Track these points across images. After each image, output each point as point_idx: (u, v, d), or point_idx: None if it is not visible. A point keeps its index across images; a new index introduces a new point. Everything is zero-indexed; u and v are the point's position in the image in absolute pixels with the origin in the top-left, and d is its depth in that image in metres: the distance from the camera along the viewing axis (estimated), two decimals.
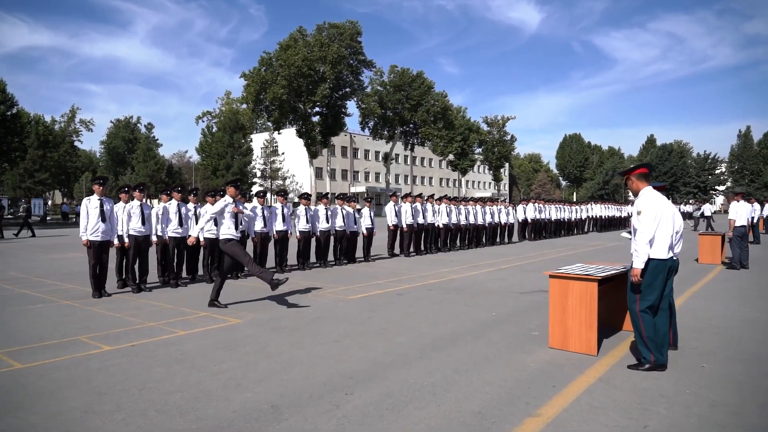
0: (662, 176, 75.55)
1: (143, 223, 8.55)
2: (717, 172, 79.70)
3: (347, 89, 52.20)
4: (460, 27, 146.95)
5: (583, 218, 25.90)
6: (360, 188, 66.27)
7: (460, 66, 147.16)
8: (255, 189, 53.27)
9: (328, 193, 12.24)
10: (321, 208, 11.78)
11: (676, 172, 75.74)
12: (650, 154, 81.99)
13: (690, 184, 75.01)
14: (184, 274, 9.89)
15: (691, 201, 53.14)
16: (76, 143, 65.59)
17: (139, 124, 76.37)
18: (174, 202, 9.17)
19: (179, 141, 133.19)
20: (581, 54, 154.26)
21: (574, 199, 67.12)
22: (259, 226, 10.46)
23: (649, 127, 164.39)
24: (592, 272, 5.10)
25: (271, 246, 10.97)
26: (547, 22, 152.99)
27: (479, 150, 67.52)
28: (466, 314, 6.74)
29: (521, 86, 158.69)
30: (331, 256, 12.37)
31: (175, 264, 9.21)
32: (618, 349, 5.12)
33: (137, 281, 8.58)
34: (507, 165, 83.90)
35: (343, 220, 12.15)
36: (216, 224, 7.84)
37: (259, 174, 62.57)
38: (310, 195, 11.87)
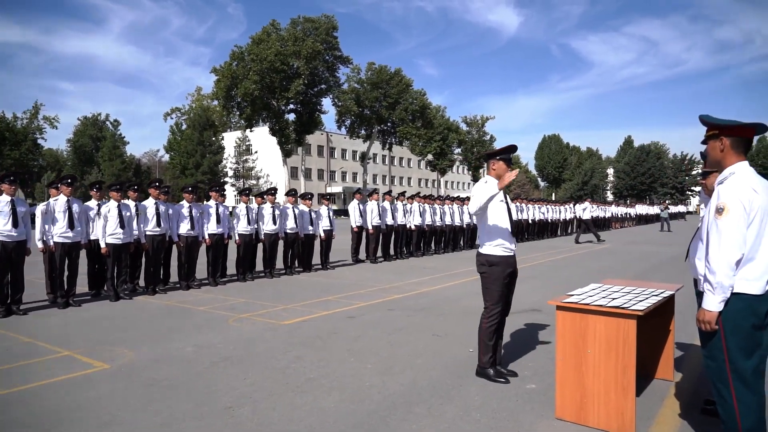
0: (641, 177, 75.15)
1: (15, 224, 6.49)
2: (693, 173, 79.54)
3: (323, 86, 50.27)
4: (439, 28, 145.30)
5: (568, 219, 24.34)
6: (336, 188, 64.29)
7: (439, 67, 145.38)
8: (229, 188, 51.08)
9: (274, 189, 10.27)
10: (267, 206, 9.82)
11: (654, 173, 75.39)
12: (628, 154, 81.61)
13: (667, 185, 74.72)
14: (86, 288, 7.92)
15: (668, 202, 52.24)
16: (40, 141, 62.32)
17: (107, 122, 73.16)
18: (62, 198, 7.12)
19: (155, 140, 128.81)
20: (559, 57, 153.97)
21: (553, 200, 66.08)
22: (185, 228, 8.47)
23: (626, 129, 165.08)
24: (620, 301, 3.28)
25: (203, 252, 8.99)
26: (525, 25, 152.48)
27: (458, 150, 66.03)
28: (434, 352, 4.88)
29: (500, 88, 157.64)
30: (281, 264, 10.42)
31: (66, 277, 7.16)
32: (662, 420, 3.31)
33: (8, 301, 6.53)
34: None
35: (295, 221, 10.21)
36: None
37: (231, 173, 60.07)
38: (250, 191, 9.91)
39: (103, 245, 7.41)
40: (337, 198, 63.89)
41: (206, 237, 8.78)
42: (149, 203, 8.10)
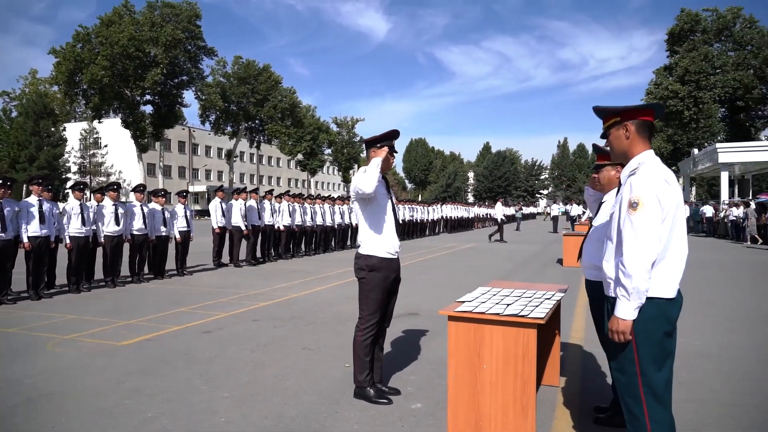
0: (498, 180, 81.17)
1: None
2: (542, 177, 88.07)
3: (184, 77, 46.87)
4: (310, 29, 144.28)
5: (435, 219, 25.05)
6: (200, 187, 60.36)
7: (309, 67, 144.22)
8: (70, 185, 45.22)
9: (116, 184, 8.85)
10: (107, 204, 8.40)
11: (509, 177, 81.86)
12: (487, 159, 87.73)
13: (520, 188, 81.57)
14: None
15: (521, 203, 56.93)
16: None
17: None
18: None
19: None
20: (424, 65, 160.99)
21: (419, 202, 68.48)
22: None
23: (485, 135, 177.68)
24: (516, 307, 2.94)
25: (22, 260, 7.39)
26: (393, 32, 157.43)
27: (328, 150, 65.79)
28: (304, 370, 4.24)
29: (369, 91, 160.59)
30: (126, 271, 9.00)
31: None
32: None
33: None
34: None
35: (144, 221, 8.89)
36: None
37: (75, 169, 53.41)
38: (85, 186, 8.44)
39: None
40: (201, 197, 60.08)
41: (25, 240, 7.21)
42: None
